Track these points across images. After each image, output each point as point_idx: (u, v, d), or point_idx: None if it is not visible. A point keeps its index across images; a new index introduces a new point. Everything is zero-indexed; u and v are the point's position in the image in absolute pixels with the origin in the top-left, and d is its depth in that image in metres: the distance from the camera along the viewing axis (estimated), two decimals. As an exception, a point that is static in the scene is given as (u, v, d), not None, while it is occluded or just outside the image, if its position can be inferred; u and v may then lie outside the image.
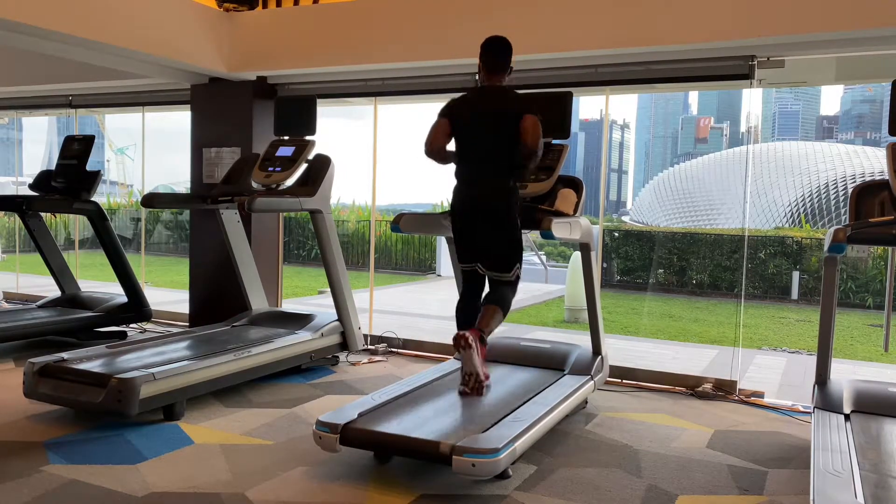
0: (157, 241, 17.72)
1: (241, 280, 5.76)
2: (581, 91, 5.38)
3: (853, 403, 3.76)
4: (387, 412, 3.54)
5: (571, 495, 3.17)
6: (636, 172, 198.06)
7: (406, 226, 4.05)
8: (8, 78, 7.41)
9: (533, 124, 3.63)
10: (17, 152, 11.05)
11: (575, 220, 4.00)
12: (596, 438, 3.96)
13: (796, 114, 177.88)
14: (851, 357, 8.10)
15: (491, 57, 3.84)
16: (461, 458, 2.99)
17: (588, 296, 4.47)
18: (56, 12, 4.81)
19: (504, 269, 3.84)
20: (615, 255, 14.74)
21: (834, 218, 32.44)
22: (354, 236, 16.27)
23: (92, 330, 6.03)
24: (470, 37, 5.16)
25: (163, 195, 5.71)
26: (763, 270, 14.11)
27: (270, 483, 3.21)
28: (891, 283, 4.29)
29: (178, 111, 7.30)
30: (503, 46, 3.84)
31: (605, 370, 4.60)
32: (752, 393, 4.93)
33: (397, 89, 6.01)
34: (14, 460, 3.39)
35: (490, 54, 3.84)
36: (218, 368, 4.34)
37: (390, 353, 6.01)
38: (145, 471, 3.31)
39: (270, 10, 6.12)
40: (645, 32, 4.71)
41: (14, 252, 11.95)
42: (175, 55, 5.67)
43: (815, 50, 4.59)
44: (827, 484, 2.72)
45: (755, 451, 3.81)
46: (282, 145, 5.34)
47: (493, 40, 3.85)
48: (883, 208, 3.76)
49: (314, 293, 11.45)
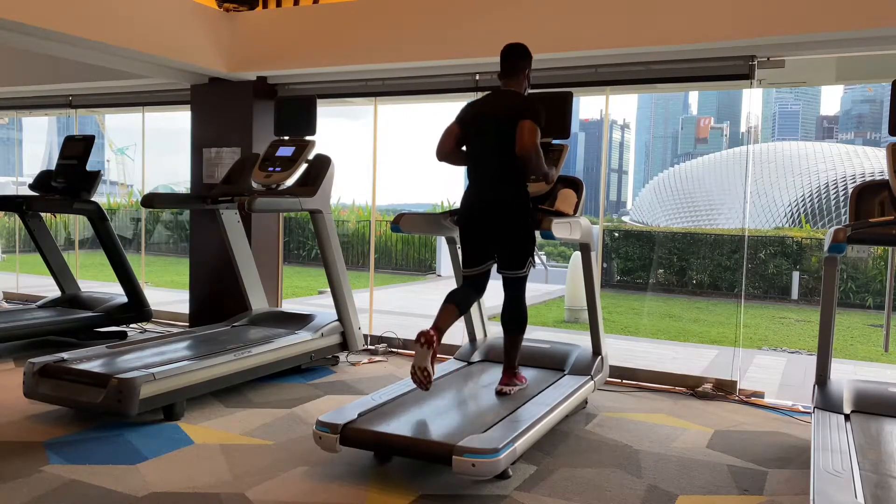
0: (157, 241, 17.71)
1: (241, 280, 5.76)
2: (581, 91, 5.38)
3: (853, 403, 3.76)
4: (387, 412, 3.54)
5: (571, 495, 3.17)
6: (636, 172, 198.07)
7: (406, 226, 4.05)
8: (8, 78, 7.41)
9: (528, 129, 3.60)
10: (17, 152, 11.04)
11: (575, 220, 4.00)
12: (596, 438, 3.96)
13: (796, 114, 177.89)
14: (851, 357, 8.09)
15: (503, 61, 3.87)
16: (461, 458, 2.98)
17: (588, 296, 4.47)
18: (56, 12, 4.81)
19: (515, 266, 3.85)
20: (615, 255, 14.74)
21: (834, 218, 32.44)
22: (354, 236, 16.27)
23: (92, 330, 6.03)
24: (470, 37, 5.19)
25: (163, 195, 5.70)
26: (763, 270, 14.10)
27: (270, 483, 3.21)
28: (891, 283, 4.29)
29: (178, 111, 7.30)
30: (515, 51, 3.87)
31: (605, 370, 4.60)
32: (753, 393, 4.93)
33: (397, 89, 6.01)
34: (14, 460, 3.39)
35: (503, 58, 3.88)
36: (218, 368, 4.34)
37: (390, 354, 6.01)
38: (145, 471, 3.31)
39: (270, 10, 6.12)
40: (645, 32, 4.71)
41: (14, 252, 11.94)
42: (175, 55, 5.67)
43: (815, 50, 4.59)
44: (827, 484, 2.72)
45: (755, 452, 3.81)
46: (282, 145, 5.34)
47: (508, 45, 3.89)
48: (883, 208, 3.76)
49: (314, 293, 11.45)
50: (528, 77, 3.92)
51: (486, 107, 3.88)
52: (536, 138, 3.61)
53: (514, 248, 3.82)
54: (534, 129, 3.61)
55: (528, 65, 3.89)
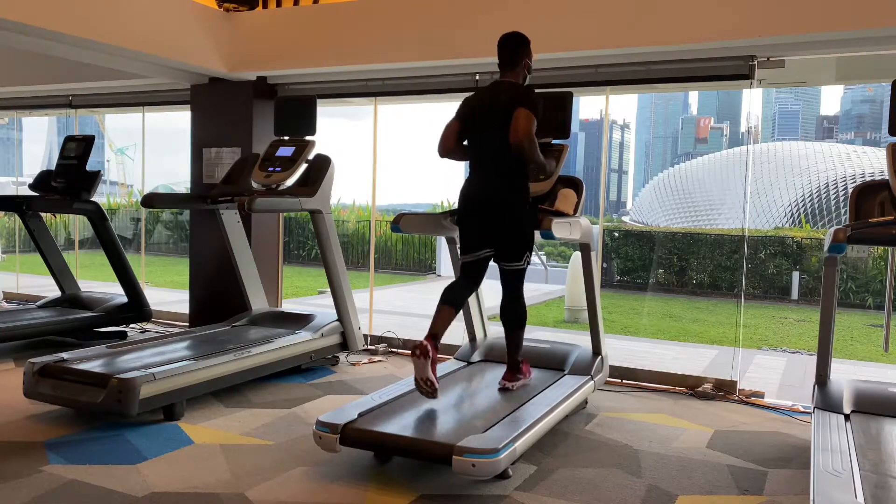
0: (157, 241, 17.72)
1: (241, 280, 5.76)
2: (581, 91, 5.38)
3: (853, 403, 3.76)
4: (387, 412, 3.54)
5: (571, 495, 3.17)
6: (636, 172, 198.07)
7: (406, 226, 4.05)
8: (8, 78, 7.41)
9: (523, 117, 3.54)
10: (17, 152, 11.05)
11: (575, 220, 4.00)
12: (596, 438, 3.96)
13: (796, 114, 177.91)
14: (851, 357, 8.09)
15: (500, 51, 3.83)
16: (461, 459, 2.98)
17: (588, 296, 4.47)
18: (56, 12, 4.81)
19: (514, 257, 3.82)
20: (615, 255, 14.74)
21: (834, 218, 32.44)
22: (354, 236, 16.27)
23: (92, 330, 6.03)
24: (470, 37, 5.19)
25: (163, 195, 5.70)
26: (763, 270, 14.11)
27: (270, 483, 3.21)
28: (891, 283, 4.28)
29: (178, 111, 7.31)
30: (512, 40, 3.82)
31: (605, 370, 4.60)
32: (753, 393, 4.93)
33: (397, 89, 6.01)
34: (14, 460, 3.39)
35: (500, 48, 3.83)
36: (218, 368, 4.34)
37: (390, 354, 6.01)
38: (145, 471, 3.31)
39: (270, 10, 6.12)
40: (645, 32, 4.71)
41: (14, 252, 11.94)
42: (175, 55, 5.67)
43: (815, 50, 4.59)
44: (827, 484, 2.72)
45: (755, 451, 3.81)
46: (282, 145, 5.34)
47: (505, 35, 3.84)
48: (883, 208, 3.76)
49: (314, 293, 11.45)
50: (528, 67, 3.87)
51: (484, 99, 3.85)
52: (531, 126, 3.56)
53: (511, 240, 3.79)
54: (529, 117, 3.55)
55: (527, 54, 3.84)
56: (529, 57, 3.86)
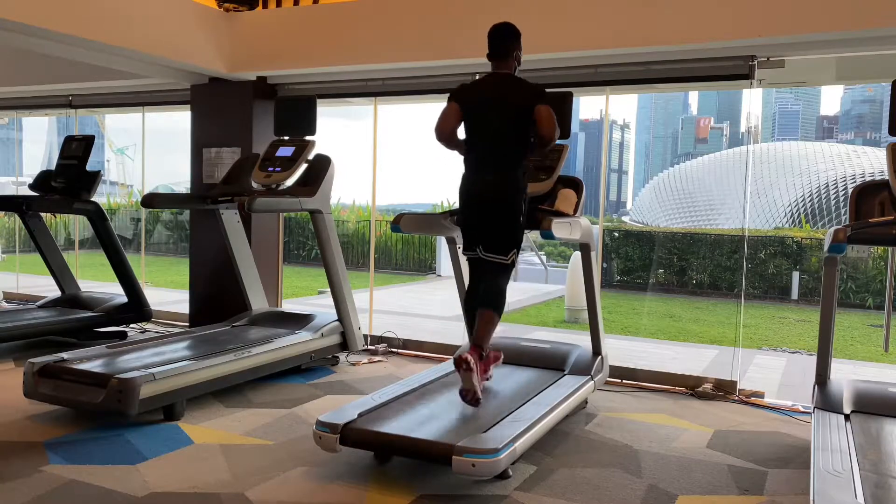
0: (157, 241, 17.71)
1: (241, 280, 5.76)
2: (581, 91, 5.38)
3: (853, 403, 3.76)
4: (387, 412, 3.55)
5: (571, 495, 3.17)
6: (636, 172, 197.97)
7: (406, 226, 4.05)
8: (8, 78, 7.41)
9: (548, 114, 3.63)
10: (17, 152, 11.05)
11: (575, 220, 4.00)
12: (596, 438, 3.96)
13: (796, 114, 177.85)
14: (851, 357, 8.09)
15: (491, 41, 3.81)
16: (461, 459, 2.99)
17: (588, 296, 4.47)
18: (56, 12, 4.81)
19: (501, 250, 3.74)
20: (615, 255, 14.73)
21: (834, 218, 32.42)
22: (354, 236, 16.26)
23: (92, 330, 6.03)
24: (470, 37, 5.17)
25: (163, 195, 5.70)
26: (763, 270, 14.10)
27: (270, 483, 3.21)
28: (891, 283, 4.28)
29: (178, 111, 7.31)
30: (503, 31, 3.80)
31: (605, 370, 4.60)
32: (752, 393, 4.93)
33: (397, 89, 6.01)
34: (14, 460, 3.39)
35: (491, 39, 3.81)
36: (218, 368, 4.34)
37: (390, 354, 6.00)
38: (145, 471, 3.31)
39: (270, 10, 6.12)
40: (645, 32, 4.71)
41: (14, 252, 11.94)
42: (175, 55, 5.67)
43: (815, 50, 4.59)
44: (827, 484, 2.72)
45: (755, 451, 3.81)
46: (282, 145, 5.34)
47: (495, 25, 3.83)
48: (883, 208, 3.76)
49: (314, 293, 11.45)
50: (518, 59, 3.86)
51: (487, 91, 3.78)
52: (556, 122, 3.67)
53: (502, 232, 3.72)
54: (552, 114, 3.65)
55: (518, 45, 3.83)
56: (520, 48, 3.85)
